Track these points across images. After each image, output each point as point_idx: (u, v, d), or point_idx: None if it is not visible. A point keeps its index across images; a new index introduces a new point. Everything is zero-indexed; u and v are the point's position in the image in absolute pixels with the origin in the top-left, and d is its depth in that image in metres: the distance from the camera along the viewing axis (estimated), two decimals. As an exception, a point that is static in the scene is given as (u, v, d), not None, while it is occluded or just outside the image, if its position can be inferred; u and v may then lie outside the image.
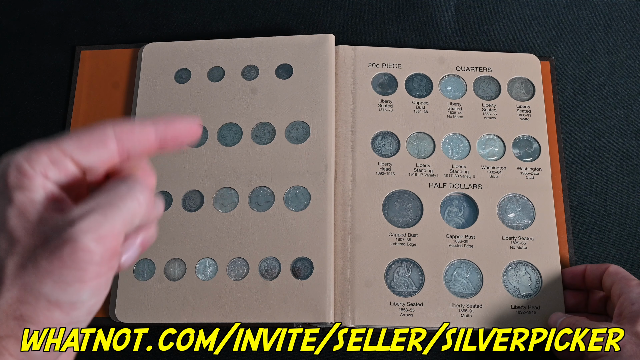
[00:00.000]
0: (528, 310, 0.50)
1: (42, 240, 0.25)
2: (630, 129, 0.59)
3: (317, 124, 0.56)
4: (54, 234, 0.25)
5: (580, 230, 0.55)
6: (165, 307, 0.51)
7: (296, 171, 0.55)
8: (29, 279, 0.25)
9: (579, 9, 0.64)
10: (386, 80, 0.59)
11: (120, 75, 0.61)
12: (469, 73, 0.59)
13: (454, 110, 0.58)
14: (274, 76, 0.59)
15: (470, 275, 0.52)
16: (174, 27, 0.65)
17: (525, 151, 0.57)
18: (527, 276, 0.52)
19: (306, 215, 0.53)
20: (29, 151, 0.27)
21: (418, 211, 0.54)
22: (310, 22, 0.64)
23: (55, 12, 0.65)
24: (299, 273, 0.52)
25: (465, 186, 0.55)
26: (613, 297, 0.46)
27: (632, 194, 0.57)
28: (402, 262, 0.52)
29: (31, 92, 0.62)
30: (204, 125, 0.57)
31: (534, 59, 0.60)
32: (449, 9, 0.64)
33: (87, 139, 0.28)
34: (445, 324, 0.50)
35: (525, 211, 0.54)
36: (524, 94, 0.59)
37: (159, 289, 0.52)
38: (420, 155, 0.56)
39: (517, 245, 0.53)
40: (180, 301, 0.51)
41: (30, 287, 0.25)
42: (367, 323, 0.51)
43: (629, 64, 0.62)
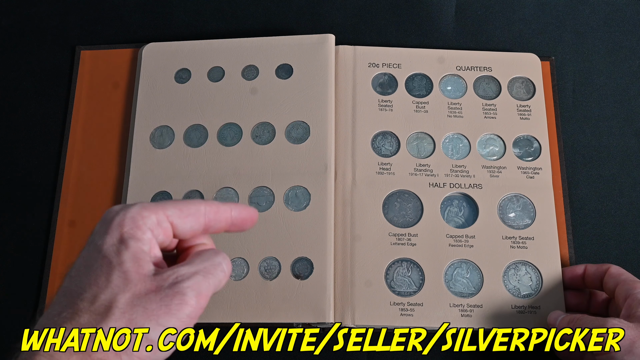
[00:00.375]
0: (528, 310, 0.50)
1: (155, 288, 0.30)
2: (630, 129, 0.59)
3: (317, 124, 0.56)
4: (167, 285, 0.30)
5: (580, 230, 0.55)
6: (165, 307, 0.51)
7: (296, 171, 0.55)
8: (137, 318, 0.29)
9: (579, 9, 0.64)
10: (386, 80, 0.59)
11: (120, 75, 0.61)
12: (469, 73, 0.59)
13: (454, 110, 0.58)
14: (274, 76, 0.59)
15: (470, 275, 0.52)
16: (174, 27, 0.65)
17: (525, 151, 0.57)
18: (527, 276, 0.52)
19: (306, 215, 0.53)
20: (140, 208, 0.32)
21: (418, 211, 0.54)
22: (310, 22, 0.64)
23: (55, 12, 0.65)
24: (299, 273, 0.52)
25: (465, 186, 0.55)
26: (618, 298, 0.45)
27: (632, 194, 0.57)
28: (402, 262, 0.52)
29: (31, 92, 0.62)
30: (204, 125, 0.57)
31: (535, 58, 0.60)
32: (449, 9, 0.64)
33: (186, 209, 0.33)
34: (445, 324, 0.50)
35: (525, 211, 0.54)
36: (525, 93, 0.59)
37: (159, 289, 0.52)
38: (421, 155, 0.56)
39: (517, 245, 0.53)
40: (180, 301, 0.51)
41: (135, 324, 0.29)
42: (367, 323, 0.51)
43: (629, 64, 0.62)
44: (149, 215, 0.32)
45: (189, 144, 0.57)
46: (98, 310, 0.29)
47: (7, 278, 0.55)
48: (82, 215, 0.56)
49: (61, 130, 0.60)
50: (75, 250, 0.55)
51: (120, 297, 0.30)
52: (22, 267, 0.55)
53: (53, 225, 0.56)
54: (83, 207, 0.56)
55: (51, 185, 0.58)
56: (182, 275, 0.31)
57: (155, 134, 0.57)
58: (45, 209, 0.57)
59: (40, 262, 0.55)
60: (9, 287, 0.55)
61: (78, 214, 0.56)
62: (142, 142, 0.57)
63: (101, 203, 0.56)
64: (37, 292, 0.54)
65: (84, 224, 0.56)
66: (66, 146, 0.58)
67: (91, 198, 0.56)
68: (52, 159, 0.59)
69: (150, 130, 0.57)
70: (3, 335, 0.53)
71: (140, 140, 0.57)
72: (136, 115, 0.58)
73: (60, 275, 0.54)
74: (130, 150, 0.57)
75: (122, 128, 0.59)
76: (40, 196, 0.57)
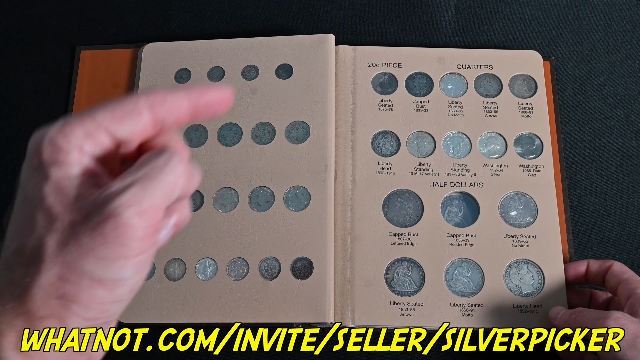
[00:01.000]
0: (530, 309, 0.50)
1: (83, 217, 0.25)
2: (630, 129, 0.59)
3: (317, 124, 0.56)
4: (95, 210, 0.25)
5: (580, 230, 0.55)
6: (166, 307, 0.51)
7: (296, 171, 0.55)
8: (71, 257, 0.24)
9: (579, 9, 0.64)
10: (386, 80, 0.59)
11: (120, 75, 0.61)
12: (469, 71, 0.59)
13: (455, 108, 0.58)
14: (274, 76, 0.59)
15: (471, 274, 0.52)
16: (174, 27, 0.65)
17: (527, 149, 0.56)
18: (529, 275, 0.52)
19: (306, 215, 0.53)
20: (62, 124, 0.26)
21: (418, 210, 0.54)
22: (310, 22, 0.64)
23: (55, 12, 0.65)
24: (299, 273, 0.52)
25: (466, 185, 0.55)
26: (620, 296, 0.46)
27: (632, 194, 0.57)
28: (403, 261, 0.52)
29: (31, 92, 0.62)
30: (204, 125, 0.57)
31: (536, 55, 0.60)
32: (449, 8, 0.64)
33: (120, 109, 0.27)
34: (446, 323, 0.50)
35: (527, 209, 0.54)
36: (526, 91, 0.59)
37: (159, 289, 0.52)
38: (421, 154, 0.56)
39: (519, 244, 0.53)
40: (180, 301, 0.51)
41: (72, 265, 0.24)
42: (367, 323, 0.51)
43: (629, 64, 0.62)
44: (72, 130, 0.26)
45: (189, 144, 0.57)
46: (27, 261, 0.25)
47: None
48: (82, 215, 0.56)
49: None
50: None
51: (48, 239, 0.25)
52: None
53: (53, 225, 0.56)
54: (83, 207, 0.56)
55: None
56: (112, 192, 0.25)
57: (155, 134, 0.57)
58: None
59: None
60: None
61: (78, 214, 0.56)
62: (142, 142, 0.57)
63: (101, 203, 0.56)
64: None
65: (84, 223, 0.56)
66: (66, 146, 0.58)
67: (91, 198, 0.56)
68: (52, 159, 0.58)
69: (150, 130, 0.57)
70: (3, 335, 0.52)
71: (140, 140, 0.57)
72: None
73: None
74: (130, 150, 0.57)
75: (122, 128, 0.59)
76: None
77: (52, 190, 0.25)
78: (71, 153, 0.26)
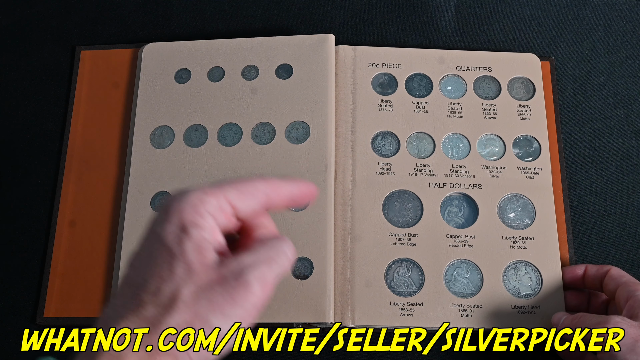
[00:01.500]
0: (528, 310, 0.50)
1: (220, 279, 0.29)
2: (630, 129, 0.59)
3: (317, 124, 0.56)
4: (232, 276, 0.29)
5: (580, 230, 0.55)
6: (165, 307, 0.51)
7: (296, 171, 0.55)
8: (202, 310, 0.29)
9: (579, 9, 0.64)
10: (386, 80, 0.59)
11: (120, 75, 0.61)
12: (469, 73, 0.59)
13: (454, 110, 0.58)
14: (274, 76, 0.59)
15: (470, 275, 0.52)
16: (174, 27, 0.65)
17: (525, 151, 0.57)
18: (527, 276, 0.52)
19: (306, 215, 0.53)
20: (201, 193, 0.31)
21: (418, 211, 0.54)
22: (310, 22, 0.64)
23: (55, 12, 0.65)
24: (299, 273, 0.52)
25: (465, 186, 0.55)
26: (619, 300, 0.46)
27: (632, 194, 0.57)
28: (402, 262, 0.52)
29: (31, 92, 0.62)
30: (204, 125, 0.57)
31: (534, 58, 0.60)
32: (449, 9, 0.64)
33: (244, 188, 0.32)
34: (445, 324, 0.50)
35: (525, 211, 0.54)
36: (524, 93, 0.59)
37: (159, 289, 0.52)
38: (420, 155, 0.56)
39: (517, 245, 0.53)
40: (180, 301, 0.51)
41: (200, 316, 0.29)
42: (367, 323, 0.51)
43: (629, 64, 0.62)
44: (209, 200, 0.30)
45: (189, 144, 0.57)
46: (162, 303, 0.29)
47: (7, 278, 0.55)
48: (82, 215, 0.56)
49: (61, 130, 0.60)
50: (75, 251, 0.55)
51: (184, 289, 0.29)
52: (22, 267, 0.55)
53: (53, 226, 0.56)
54: (83, 207, 0.56)
55: (51, 185, 0.58)
56: (246, 264, 0.30)
57: (155, 134, 0.57)
58: (45, 209, 0.57)
59: (40, 262, 0.55)
60: (9, 287, 0.55)
61: (78, 214, 0.56)
62: (142, 142, 0.57)
63: (101, 203, 0.56)
64: (37, 292, 0.54)
65: (84, 224, 0.56)
66: (66, 146, 0.58)
67: (91, 198, 0.56)
68: (52, 159, 0.59)
69: (150, 130, 0.57)
70: (3, 335, 0.53)
71: (140, 140, 0.57)
72: (136, 115, 0.58)
73: (60, 275, 0.54)
74: (130, 150, 0.57)
75: (122, 128, 0.59)
76: (41, 196, 0.57)
77: (193, 248, 0.30)
78: (208, 219, 0.30)
